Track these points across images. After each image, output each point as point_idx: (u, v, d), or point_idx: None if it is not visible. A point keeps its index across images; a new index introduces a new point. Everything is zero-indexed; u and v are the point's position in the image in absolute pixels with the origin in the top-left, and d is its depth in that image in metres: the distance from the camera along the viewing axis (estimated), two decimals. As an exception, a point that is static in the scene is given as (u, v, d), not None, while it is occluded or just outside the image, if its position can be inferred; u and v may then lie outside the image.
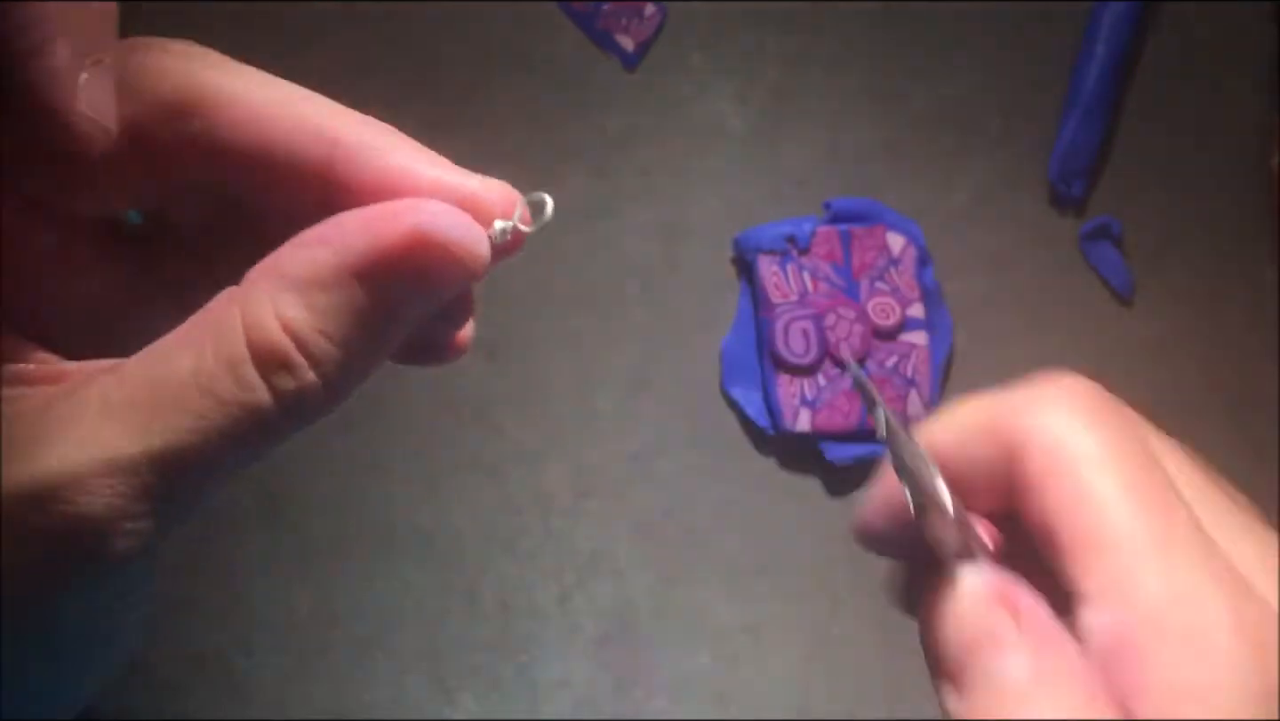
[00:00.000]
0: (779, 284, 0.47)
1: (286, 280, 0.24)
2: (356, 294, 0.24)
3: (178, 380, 0.23)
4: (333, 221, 0.25)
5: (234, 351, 0.24)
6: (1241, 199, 0.48)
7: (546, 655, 0.46)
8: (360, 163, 0.26)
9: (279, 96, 0.26)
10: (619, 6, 0.48)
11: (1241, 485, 0.50)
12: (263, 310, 0.24)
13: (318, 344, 0.24)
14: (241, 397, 0.23)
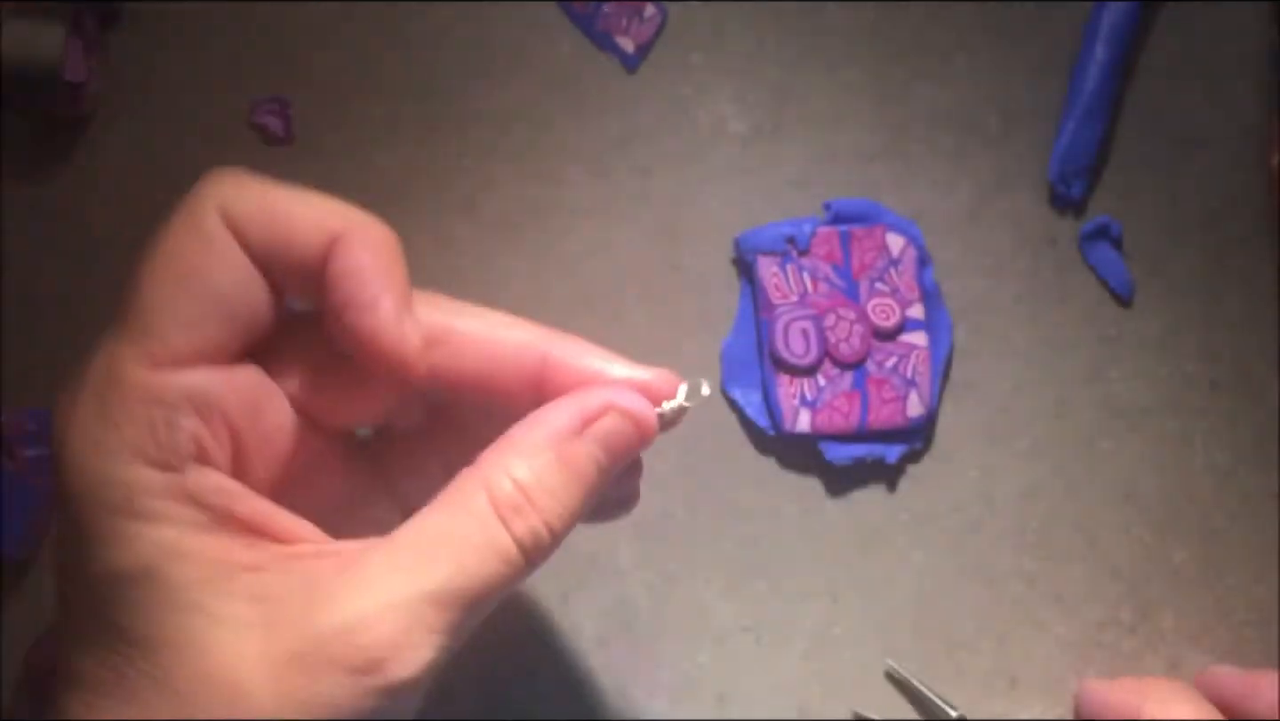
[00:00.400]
0: (779, 285, 0.47)
1: (513, 450, 0.32)
2: (565, 454, 0.32)
3: (438, 535, 0.30)
4: (543, 409, 0.33)
5: (479, 507, 0.31)
6: (1241, 200, 0.49)
7: (547, 655, 0.46)
8: (564, 368, 0.34)
9: (498, 325, 0.34)
10: (619, 8, 0.48)
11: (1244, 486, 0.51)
12: (497, 474, 0.31)
13: (540, 495, 0.31)
14: (489, 540, 0.30)
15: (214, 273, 0.30)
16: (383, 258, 0.31)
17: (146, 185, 0.47)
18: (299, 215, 0.31)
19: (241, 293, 0.31)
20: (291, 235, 0.31)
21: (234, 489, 0.30)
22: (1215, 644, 0.47)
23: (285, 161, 0.48)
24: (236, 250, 0.30)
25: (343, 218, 0.31)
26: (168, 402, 0.29)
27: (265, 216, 0.31)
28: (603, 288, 0.48)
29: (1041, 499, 0.47)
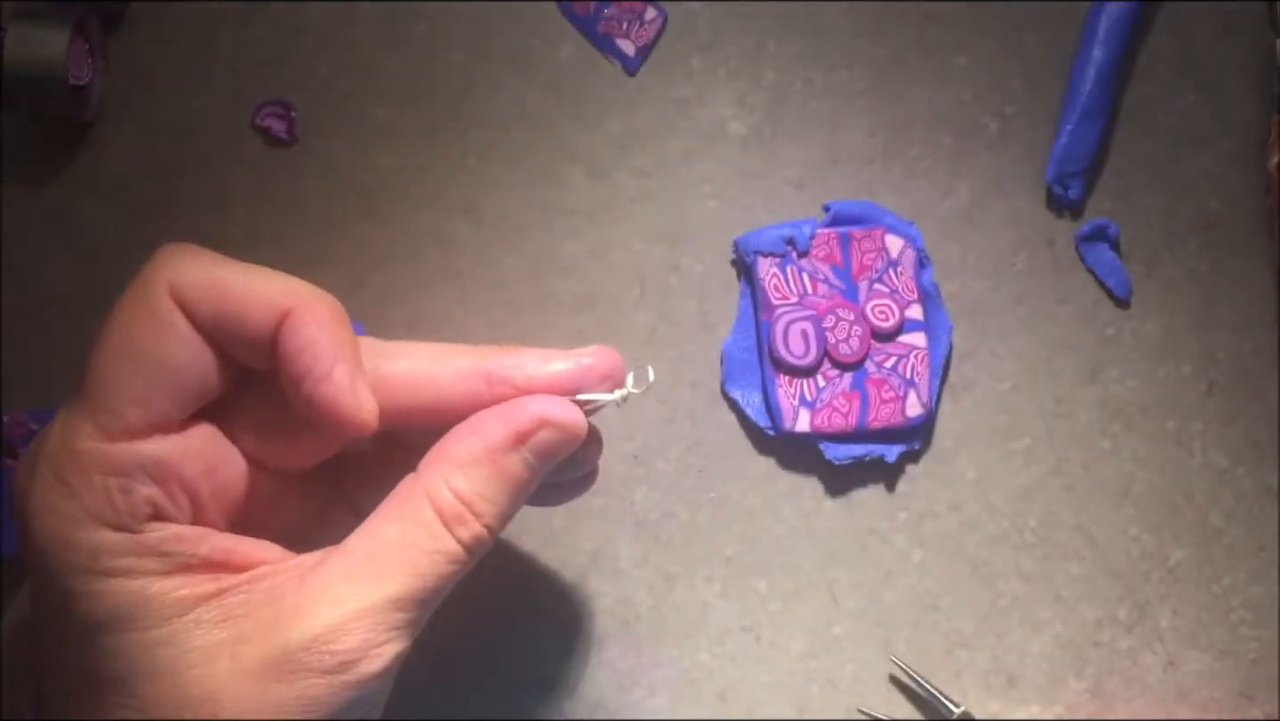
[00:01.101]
0: (778, 286, 0.47)
1: (451, 463, 0.34)
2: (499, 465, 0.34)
3: (391, 544, 0.33)
4: (475, 418, 0.35)
5: (425, 516, 0.34)
6: (1239, 201, 0.49)
7: (548, 654, 0.46)
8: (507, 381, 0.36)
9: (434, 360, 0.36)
10: (620, 10, 0.48)
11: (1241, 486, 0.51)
12: (438, 485, 0.34)
13: (479, 503, 0.34)
14: (438, 546, 0.34)
15: (163, 349, 0.32)
16: (332, 330, 0.33)
17: (149, 188, 0.48)
18: (249, 293, 0.33)
19: (191, 366, 0.33)
20: (242, 312, 0.33)
21: (192, 534, 0.33)
22: (1212, 643, 0.47)
23: (288, 163, 0.48)
24: (185, 326, 0.32)
25: (292, 295, 0.33)
26: (123, 472, 0.32)
27: (214, 294, 0.33)
28: (603, 288, 0.48)
29: (1039, 498, 0.48)
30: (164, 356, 0.32)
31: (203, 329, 0.33)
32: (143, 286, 0.33)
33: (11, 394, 0.46)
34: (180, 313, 0.32)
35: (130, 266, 0.47)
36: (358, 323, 0.47)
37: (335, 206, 0.48)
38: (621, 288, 0.48)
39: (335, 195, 0.48)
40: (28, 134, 0.47)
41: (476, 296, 0.48)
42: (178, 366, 0.32)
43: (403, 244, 0.48)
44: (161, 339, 0.32)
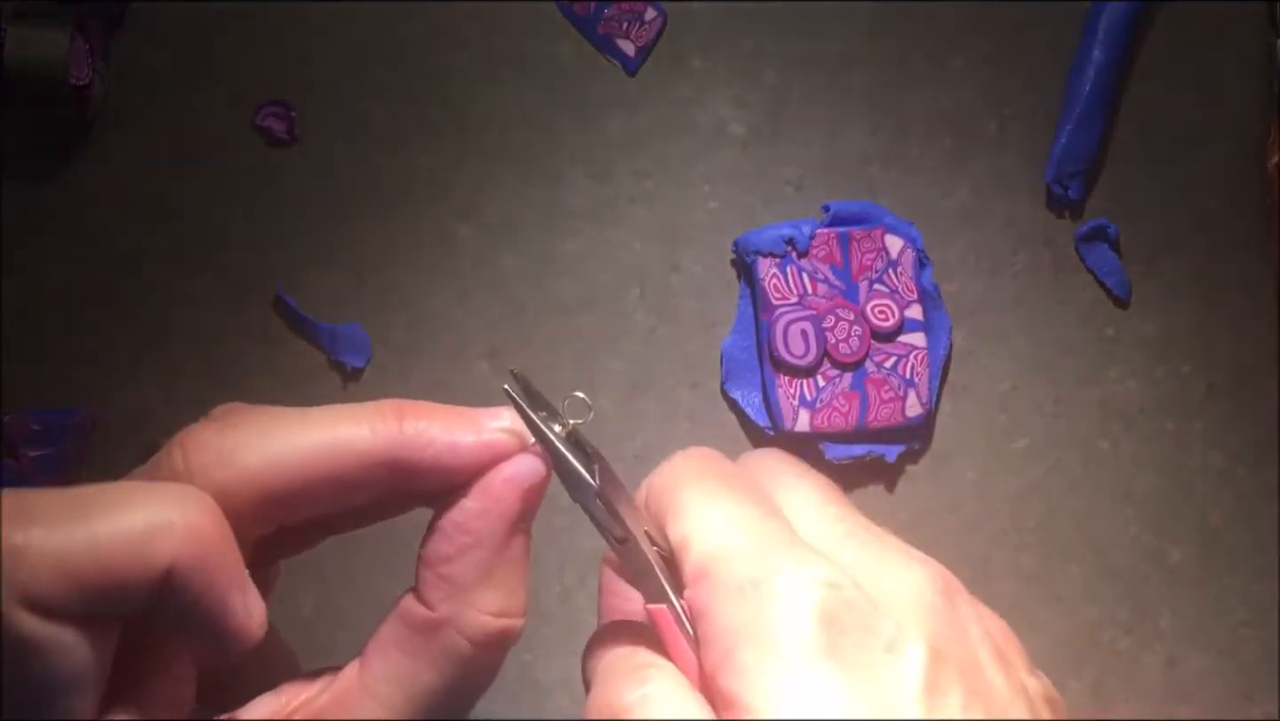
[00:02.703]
0: (778, 286, 0.47)
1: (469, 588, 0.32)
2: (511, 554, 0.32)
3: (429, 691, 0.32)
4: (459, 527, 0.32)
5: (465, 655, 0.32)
6: (1238, 201, 0.49)
7: (549, 654, 0.46)
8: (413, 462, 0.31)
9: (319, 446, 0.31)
10: (620, 11, 0.48)
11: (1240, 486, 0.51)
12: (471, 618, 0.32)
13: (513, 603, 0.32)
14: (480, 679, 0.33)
15: (53, 673, 0.27)
16: (217, 561, 0.29)
17: (150, 188, 0.48)
18: (112, 567, 0.27)
19: (87, 661, 0.28)
20: (115, 589, 0.27)
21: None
22: (1212, 643, 0.47)
23: (288, 163, 0.48)
24: (55, 631, 0.27)
25: (163, 540, 0.28)
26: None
27: (68, 585, 0.27)
28: (603, 288, 0.48)
29: (1039, 498, 0.48)
30: (57, 680, 0.27)
31: (72, 621, 0.27)
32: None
33: (11, 394, 0.46)
34: (42, 620, 0.27)
35: (130, 266, 0.48)
36: (356, 323, 0.47)
37: (335, 206, 0.48)
38: (621, 288, 0.48)
39: (335, 195, 0.48)
40: (28, 134, 0.47)
41: (476, 296, 0.48)
42: (77, 676, 0.28)
43: (403, 244, 0.48)
44: (44, 663, 0.27)
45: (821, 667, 0.28)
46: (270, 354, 0.47)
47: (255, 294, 0.47)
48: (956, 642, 0.30)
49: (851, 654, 0.29)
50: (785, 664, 0.29)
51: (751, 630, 0.29)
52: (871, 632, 0.29)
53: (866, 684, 0.28)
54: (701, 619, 0.30)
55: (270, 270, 0.47)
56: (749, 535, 0.31)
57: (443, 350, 0.47)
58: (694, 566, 0.31)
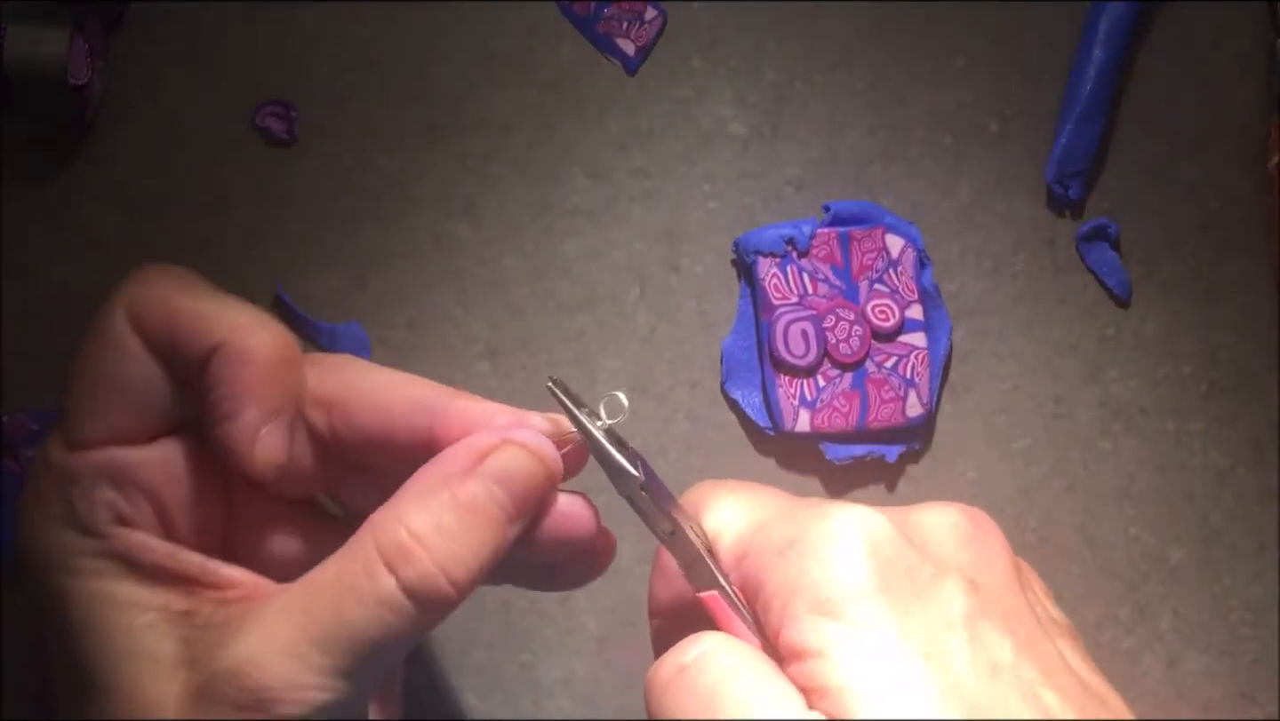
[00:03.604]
0: (778, 286, 0.47)
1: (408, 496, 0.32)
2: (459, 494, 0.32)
3: (327, 582, 0.32)
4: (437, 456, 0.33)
5: (366, 554, 0.31)
6: (1239, 201, 0.49)
7: (548, 654, 0.46)
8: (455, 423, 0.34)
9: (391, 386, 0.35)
10: (619, 10, 0.48)
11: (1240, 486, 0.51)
12: (388, 521, 0.32)
13: (436, 539, 0.31)
14: (371, 588, 0.31)
15: (115, 368, 0.33)
16: (257, 368, 0.33)
17: (149, 188, 0.48)
18: (192, 319, 0.33)
19: (143, 385, 0.34)
20: (183, 338, 0.33)
21: (159, 546, 0.33)
22: (1212, 643, 0.47)
23: (288, 163, 0.48)
24: (138, 348, 0.33)
25: (232, 325, 0.33)
26: (82, 479, 0.33)
27: (163, 320, 0.33)
28: (603, 288, 0.48)
29: (1039, 499, 0.48)
30: (116, 375, 0.33)
31: (155, 351, 0.34)
32: (103, 310, 0.34)
33: (11, 394, 0.46)
34: (135, 335, 0.33)
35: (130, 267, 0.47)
36: (356, 323, 0.47)
37: (335, 206, 0.48)
38: (621, 288, 0.48)
39: (335, 195, 0.48)
40: (28, 134, 0.47)
41: (476, 296, 0.48)
42: (130, 384, 0.33)
43: (403, 244, 0.48)
44: (114, 359, 0.33)
45: (877, 603, 0.29)
46: (270, 354, 0.47)
47: (255, 294, 0.47)
48: (990, 571, 0.31)
49: (901, 586, 0.30)
50: (843, 604, 0.30)
51: (803, 581, 0.30)
52: (915, 565, 0.30)
53: (916, 616, 0.30)
54: (757, 592, 0.31)
55: (270, 270, 0.47)
56: (776, 507, 0.33)
57: (443, 350, 0.47)
58: (734, 548, 0.33)
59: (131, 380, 0.34)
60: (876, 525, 0.31)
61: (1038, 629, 0.31)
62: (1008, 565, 0.32)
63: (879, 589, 0.30)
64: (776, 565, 0.31)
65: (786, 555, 0.31)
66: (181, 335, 0.33)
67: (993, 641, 0.29)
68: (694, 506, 0.34)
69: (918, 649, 0.29)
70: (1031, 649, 0.30)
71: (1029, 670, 0.29)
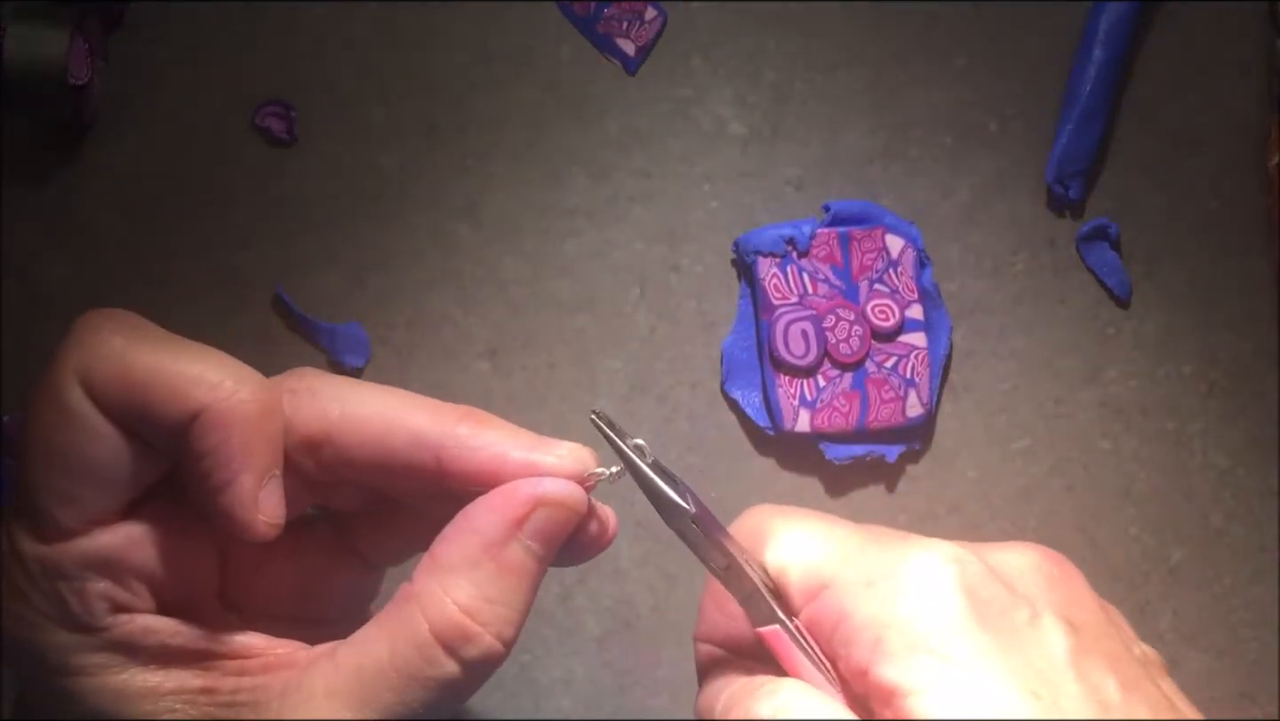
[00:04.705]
0: (778, 286, 0.47)
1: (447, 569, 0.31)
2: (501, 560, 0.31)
3: (378, 666, 0.30)
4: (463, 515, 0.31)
5: (420, 637, 0.30)
6: (1239, 201, 0.49)
7: (548, 654, 0.46)
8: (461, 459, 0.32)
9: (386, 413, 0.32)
10: (619, 10, 0.48)
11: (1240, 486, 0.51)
12: (436, 598, 0.30)
13: (487, 610, 0.31)
14: (432, 673, 0.30)
15: (79, 446, 0.30)
16: (241, 431, 0.30)
17: (149, 188, 0.48)
18: (159, 386, 0.30)
19: (111, 460, 0.30)
20: (152, 405, 0.30)
21: (163, 626, 0.31)
22: (1212, 643, 0.47)
23: (288, 163, 0.48)
24: (98, 419, 0.30)
25: (205, 389, 0.30)
26: (70, 574, 0.30)
27: (124, 388, 0.30)
28: (603, 288, 0.48)
29: (1040, 499, 0.48)
30: (80, 453, 0.30)
31: (118, 422, 0.30)
32: (51, 380, 0.31)
33: (11, 394, 0.46)
34: (91, 404, 0.30)
35: (130, 266, 0.48)
36: (356, 323, 0.47)
37: (335, 206, 0.48)
38: (621, 288, 0.48)
39: (335, 195, 0.48)
40: (28, 134, 0.47)
41: (476, 296, 0.48)
42: (97, 462, 0.30)
43: (403, 244, 0.48)
44: (74, 435, 0.30)
45: (978, 640, 0.28)
46: (270, 354, 0.47)
47: (255, 294, 0.47)
48: (1083, 612, 0.30)
49: (999, 624, 0.29)
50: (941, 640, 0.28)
51: (898, 616, 0.29)
52: (1011, 604, 0.29)
53: (1018, 655, 0.29)
54: (837, 625, 0.30)
55: (270, 270, 0.47)
56: (852, 539, 0.32)
57: (443, 350, 0.47)
58: (808, 579, 0.31)
59: (98, 457, 0.30)
60: (969, 562, 0.30)
61: (1139, 668, 0.30)
62: (1097, 607, 0.31)
63: (979, 626, 0.29)
64: (865, 598, 0.30)
65: (877, 589, 0.30)
66: (153, 404, 0.30)
67: (1100, 680, 0.29)
68: (751, 535, 0.33)
69: (1025, 686, 0.28)
70: (1138, 689, 0.30)
71: (1139, 709, 0.29)
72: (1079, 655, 0.29)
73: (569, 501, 0.32)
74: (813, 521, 0.33)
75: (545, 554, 0.32)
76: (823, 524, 0.32)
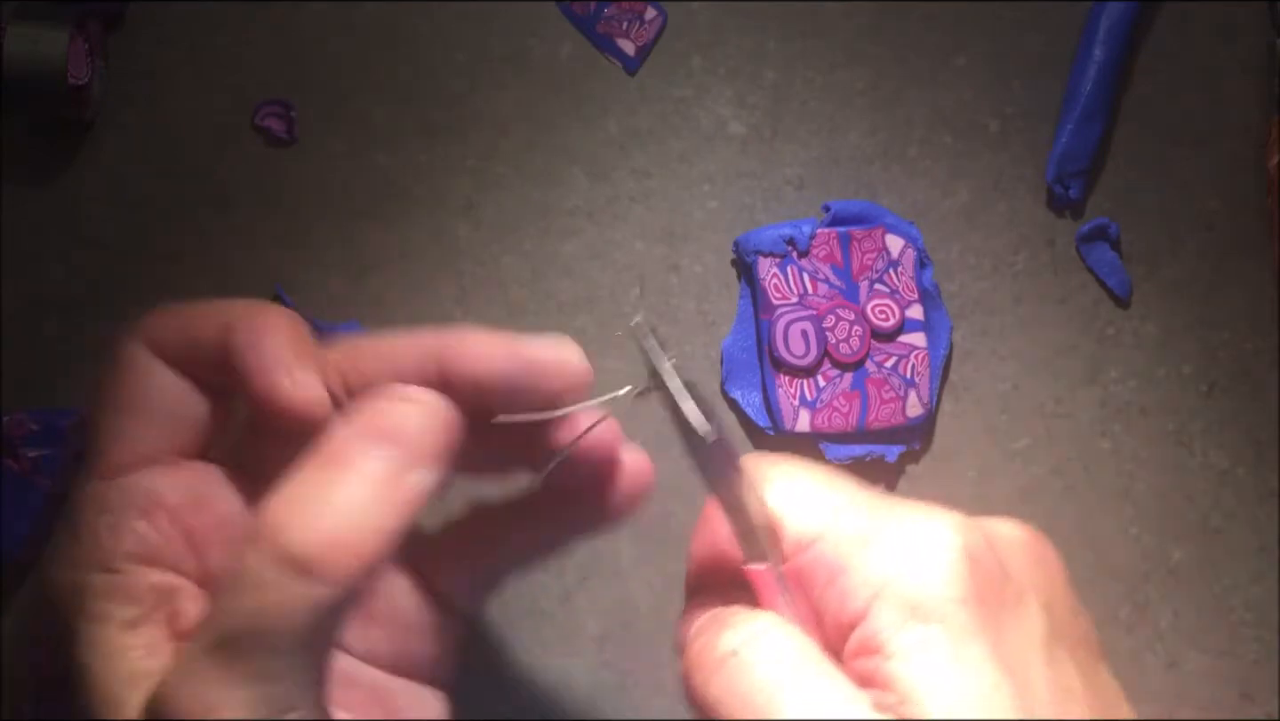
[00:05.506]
0: (778, 286, 0.47)
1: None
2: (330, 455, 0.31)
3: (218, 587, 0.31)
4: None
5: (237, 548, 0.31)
6: (1238, 201, 0.49)
7: (549, 654, 0.46)
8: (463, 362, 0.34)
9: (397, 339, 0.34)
10: (619, 10, 0.48)
11: (1240, 486, 0.51)
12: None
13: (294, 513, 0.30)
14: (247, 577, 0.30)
15: (142, 390, 0.34)
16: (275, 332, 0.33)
17: (149, 187, 0.48)
18: (202, 319, 0.34)
19: (171, 397, 0.34)
20: (195, 335, 0.34)
21: (168, 585, 0.32)
22: (1212, 643, 0.47)
23: (288, 163, 0.48)
24: (158, 365, 0.34)
25: (239, 312, 0.33)
26: (112, 509, 0.32)
27: (175, 330, 0.34)
28: (603, 288, 0.48)
29: (1040, 498, 0.48)
30: (142, 394, 0.33)
31: (175, 363, 0.34)
32: (121, 344, 0.34)
33: (11, 394, 0.46)
34: (153, 355, 0.34)
35: (130, 266, 0.47)
36: (356, 321, 0.47)
37: (335, 206, 0.48)
38: (621, 288, 0.48)
39: (335, 195, 0.48)
40: (28, 134, 0.47)
41: (476, 296, 0.48)
42: (155, 398, 0.34)
43: (403, 244, 0.48)
44: (137, 378, 0.34)
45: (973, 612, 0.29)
46: (270, 354, 0.47)
47: (255, 294, 0.47)
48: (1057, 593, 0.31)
49: (991, 598, 0.30)
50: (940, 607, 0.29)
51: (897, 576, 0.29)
52: (1003, 579, 0.30)
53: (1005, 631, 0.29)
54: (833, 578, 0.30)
55: (270, 270, 0.47)
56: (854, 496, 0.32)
57: (443, 350, 0.47)
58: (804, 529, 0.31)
59: (156, 394, 0.34)
60: (971, 533, 0.30)
61: (1091, 656, 0.31)
62: (1068, 589, 0.32)
63: (975, 598, 0.29)
64: (864, 555, 0.30)
65: (877, 547, 0.30)
66: (198, 333, 0.33)
67: (1065, 666, 0.30)
68: (755, 477, 0.33)
69: (1003, 664, 0.28)
70: (1095, 678, 0.30)
71: (1094, 699, 0.30)
72: (1050, 638, 0.30)
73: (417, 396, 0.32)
74: (814, 473, 0.33)
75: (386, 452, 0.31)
76: (822, 476, 0.33)
